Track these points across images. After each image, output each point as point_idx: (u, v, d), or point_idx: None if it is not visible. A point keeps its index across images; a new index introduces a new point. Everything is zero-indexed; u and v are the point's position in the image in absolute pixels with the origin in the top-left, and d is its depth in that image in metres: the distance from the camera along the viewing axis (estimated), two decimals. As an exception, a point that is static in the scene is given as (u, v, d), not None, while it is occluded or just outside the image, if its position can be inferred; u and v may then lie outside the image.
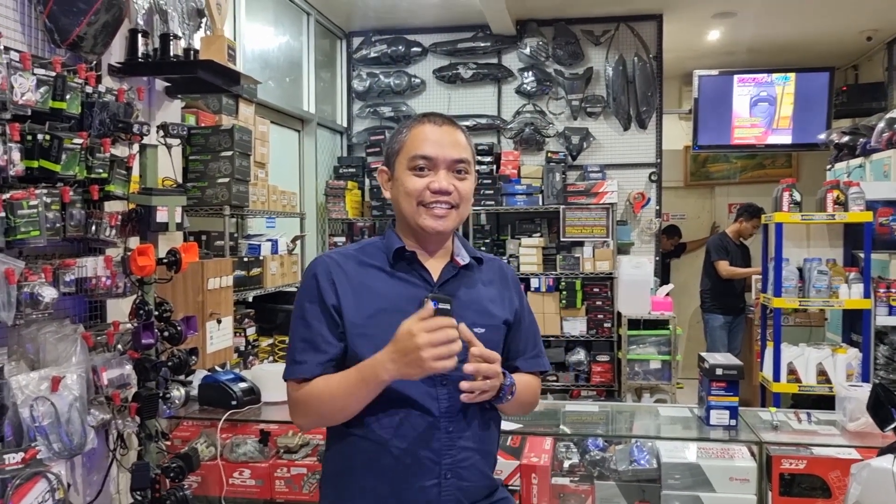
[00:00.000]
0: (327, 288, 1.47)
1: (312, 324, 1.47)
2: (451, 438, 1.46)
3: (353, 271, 1.50)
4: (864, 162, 4.96)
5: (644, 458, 2.43)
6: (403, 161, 1.51)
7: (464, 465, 1.48)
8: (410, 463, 1.44)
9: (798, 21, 5.90)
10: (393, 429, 1.44)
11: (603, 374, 5.48)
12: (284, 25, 5.14)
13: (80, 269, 2.05)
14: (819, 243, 4.57)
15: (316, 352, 1.46)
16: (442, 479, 1.45)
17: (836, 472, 2.26)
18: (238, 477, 2.49)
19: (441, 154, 1.49)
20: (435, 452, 1.45)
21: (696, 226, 7.93)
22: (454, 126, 1.55)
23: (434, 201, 1.48)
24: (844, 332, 4.60)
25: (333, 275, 1.49)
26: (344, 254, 1.54)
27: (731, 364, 2.46)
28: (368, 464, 1.46)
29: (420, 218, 1.49)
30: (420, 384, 1.44)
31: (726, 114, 6.57)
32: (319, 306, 1.47)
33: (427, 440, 1.44)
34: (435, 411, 1.45)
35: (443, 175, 1.49)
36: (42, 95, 1.92)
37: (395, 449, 1.44)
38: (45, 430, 1.85)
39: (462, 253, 1.58)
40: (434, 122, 1.52)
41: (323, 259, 1.53)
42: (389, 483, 1.44)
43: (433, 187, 1.48)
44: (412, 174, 1.50)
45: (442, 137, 1.50)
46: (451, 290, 1.51)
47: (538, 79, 5.89)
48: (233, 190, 3.33)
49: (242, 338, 3.57)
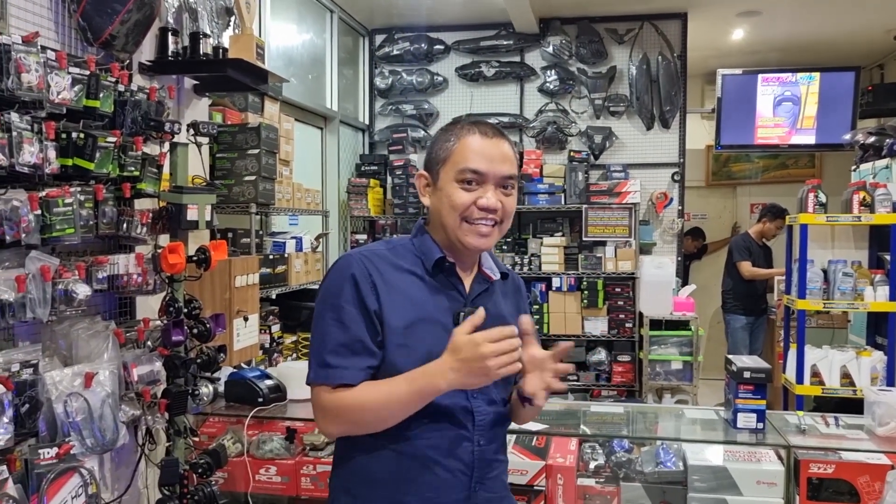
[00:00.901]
0: (368, 291, 1.39)
1: (351, 327, 1.38)
2: (482, 451, 1.46)
3: (390, 275, 1.43)
4: (891, 163, 4.89)
5: (670, 461, 2.42)
6: (450, 172, 1.44)
7: (490, 477, 1.48)
8: (445, 477, 1.42)
9: (823, 20, 5.84)
10: (430, 442, 1.41)
11: (624, 374, 5.46)
12: (308, 23, 5.16)
13: (112, 267, 2.07)
14: (844, 245, 4.53)
15: (357, 356, 1.38)
16: (471, 493, 1.45)
17: (866, 477, 2.24)
18: (264, 473, 2.51)
19: (492, 170, 1.43)
20: (467, 466, 1.44)
21: (717, 226, 7.87)
22: (503, 138, 1.48)
23: (480, 218, 1.43)
24: (869, 334, 4.55)
25: (373, 277, 1.41)
26: (378, 254, 1.46)
27: (759, 367, 2.44)
28: (399, 476, 1.42)
29: (462, 233, 1.44)
30: (457, 397, 1.42)
31: (750, 113, 6.51)
32: (359, 310, 1.39)
33: (461, 454, 1.43)
34: (469, 424, 1.44)
35: (491, 191, 1.43)
36: (76, 94, 1.94)
37: (431, 462, 1.41)
38: (79, 425, 1.87)
39: (492, 266, 1.56)
40: (485, 133, 1.45)
41: (358, 258, 1.43)
42: (421, 497, 1.41)
43: (480, 204, 1.42)
44: (459, 187, 1.43)
45: (493, 151, 1.44)
46: (480, 303, 1.46)
47: (561, 77, 5.87)
48: (259, 188, 3.35)
49: (267, 335, 3.60)
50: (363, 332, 1.39)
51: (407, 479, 1.41)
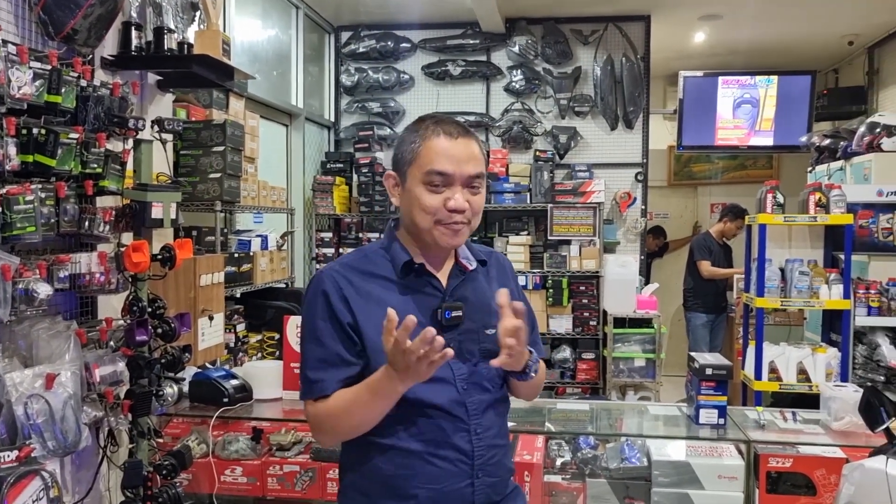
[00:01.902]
0: (340, 306, 1.45)
1: (327, 342, 1.44)
2: (481, 438, 1.49)
3: (362, 284, 1.48)
4: (845, 165, 5.04)
5: (635, 456, 2.46)
6: (417, 174, 1.46)
7: (492, 463, 1.51)
8: (446, 467, 1.46)
9: (781, 25, 5.97)
10: (428, 436, 1.45)
11: (588, 372, 5.52)
12: (273, 19, 5.11)
13: (73, 265, 2.03)
14: (801, 244, 4.64)
15: (334, 368, 1.44)
16: (475, 479, 1.48)
17: (822, 471, 2.31)
18: (230, 474, 2.48)
19: (458, 170, 1.45)
20: (467, 455, 1.48)
21: (678, 225, 8.00)
22: (468, 136, 1.49)
23: (450, 221, 1.45)
24: (824, 331, 4.67)
25: (344, 291, 1.45)
26: (349, 265, 1.51)
27: (720, 364, 2.50)
28: (405, 472, 1.46)
29: (438, 234, 1.47)
30: (448, 392, 1.46)
31: (710, 115, 6.65)
32: (332, 324, 1.44)
33: (459, 443, 1.47)
34: (464, 415, 1.47)
35: (458, 192, 1.45)
36: (37, 89, 1.89)
37: (431, 455, 1.45)
38: (40, 427, 1.83)
39: (468, 256, 1.57)
40: (449, 133, 1.46)
41: (329, 274, 1.49)
42: (427, 488, 1.46)
43: (449, 206, 1.44)
44: (427, 189, 1.45)
45: (459, 152, 1.45)
46: (460, 294, 1.52)
47: (527, 77, 5.91)
48: (224, 185, 3.31)
49: (232, 334, 3.56)
50: (338, 345, 1.44)
51: (412, 474, 1.46)
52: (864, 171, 4.73)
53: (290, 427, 2.59)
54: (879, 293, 4.29)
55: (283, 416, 2.60)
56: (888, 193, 4.40)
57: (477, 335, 1.51)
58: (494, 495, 1.52)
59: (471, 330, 1.50)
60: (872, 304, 4.28)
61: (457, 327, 1.48)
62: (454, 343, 1.40)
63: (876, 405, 1.81)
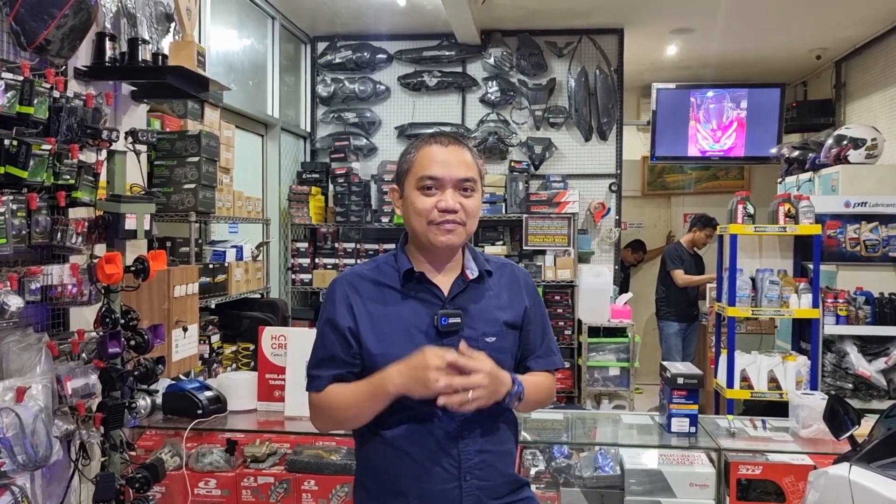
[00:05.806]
0: (343, 311, 1.57)
1: (327, 344, 1.59)
2: (468, 444, 1.55)
3: (369, 292, 1.59)
4: (813, 176, 5.15)
5: (608, 465, 2.49)
6: (412, 181, 1.58)
7: (481, 467, 1.55)
8: (434, 469, 1.53)
9: (752, 39, 6.10)
10: (418, 440, 1.53)
11: (563, 381, 5.56)
12: (249, 29, 5.10)
13: (45, 277, 2.01)
14: (771, 254, 4.73)
15: (329, 368, 1.58)
16: (462, 482, 1.54)
17: (790, 478, 2.35)
18: (204, 487, 2.47)
19: (447, 174, 1.55)
20: (455, 459, 1.54)
21: (652, 234, 8.10)
22: (460, 145, 1.60)
23: (442, 220, 1.54)
24: (794, 340, 4.76)
25: (350, 297, 1.58)
26: (359, 274, 1.63)
27: (691, 373, 2.54)
28: (398, 470, 1.55)
29: (431, 235, 1.56)
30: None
31: (683, 126, 6.76)
32: (332, 328, 1.58)
33: (447, 449, 1.53)
34: (453, 423, 1.53)
35: (449, 194, 1.55)
36: (9, 100, 1.88)
37: (422, 457, 1.53)
38: (10, 441, 1.81)
39: (472, 266, 1.64)
40: (441, 142, 1.58)
41: (341, 281, 1.62)
42: (417, 487, 1.53)
43: (440, 206, 1.54)
44: (420, 193, 1.56)
45: (448, 157, 1.56)
46: (461, 303, 1.58)
47: (502, 88, 5.96)
48: (199, 196, 3.30)
49: (206, 345, 3.53)
50: (336, 347, 1.58)
51: (403, 473, 1.54)
52: (832, 182, 4.84)
53: (264, 438, 2.58)
54: (847, 302, 4.38)
55: (258, 427, 2.59)
56: (855, 204, 4.51)
57: (476, 343, 1.55)
58: (486, 497, 1.55)
59: (470, 337, 1.54)
60: (841, 312, 4.37)
61: (455, 334, 1.54)
62: (452, 349, 1.47)
63: (840, 413, 1.86)
